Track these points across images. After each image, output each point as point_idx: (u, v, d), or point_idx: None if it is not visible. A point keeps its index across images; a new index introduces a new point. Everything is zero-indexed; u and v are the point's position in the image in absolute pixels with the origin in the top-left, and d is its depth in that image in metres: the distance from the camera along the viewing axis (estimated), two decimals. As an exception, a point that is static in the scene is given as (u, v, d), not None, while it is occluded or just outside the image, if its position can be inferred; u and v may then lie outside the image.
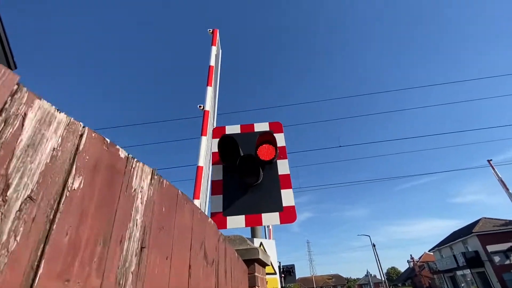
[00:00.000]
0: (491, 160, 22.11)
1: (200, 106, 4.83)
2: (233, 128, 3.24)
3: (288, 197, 2.69)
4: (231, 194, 2.74)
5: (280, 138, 3.09)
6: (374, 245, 36.21)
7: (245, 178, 2.70)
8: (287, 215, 2.59)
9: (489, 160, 22.22)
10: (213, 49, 5.69)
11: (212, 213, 2.64)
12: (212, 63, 5.50)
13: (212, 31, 5.95)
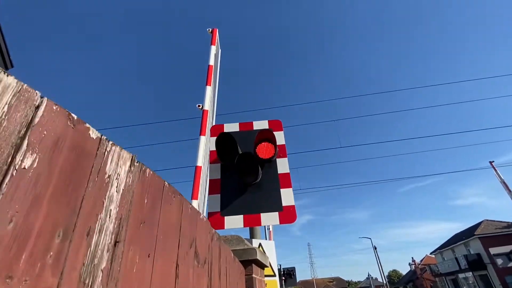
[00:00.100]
0: (493, 162, 21.97)
1: (199, 106, 4.78)
2: (232, 126, 3.18)
3: (288, 197, 2.62)
4: (229, 194, 2.67)
5: (280, 136, 3.03)
6: (376, 248, 35.99)
7: (244, 177, 2.62)
8: (287, 215, 2.51)
9: (491, 162, 22.08)
10: (213, 49, 5.66)
11: (210, 213, 2.57)
12: (212, 63, 5.47)
13: (212, 31, 5.93)
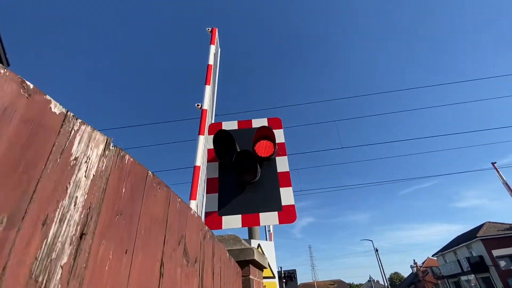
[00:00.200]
0: (496, 163, 21.82)
1: (198, 105, 4.73)
2: (230, 124, 3.11)
3: (288, 196, 2.55)
4: (227, 193, 2.60)
5: (280, 134, 2.96)
6: (377, 250, 35.72)
7: (242, 176, 2.56)
8: (287, 215, 2.44)
9: (494, 163, 21.92)
10: (212, 48, 5.62)
11: (207, 213, 2.50)
12: (211, 62, 5.42)
13: (211, 30, 5.89)
